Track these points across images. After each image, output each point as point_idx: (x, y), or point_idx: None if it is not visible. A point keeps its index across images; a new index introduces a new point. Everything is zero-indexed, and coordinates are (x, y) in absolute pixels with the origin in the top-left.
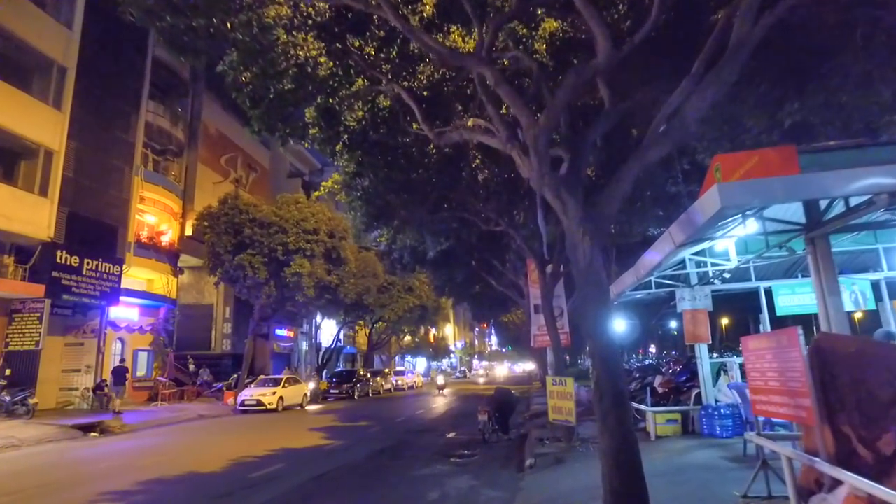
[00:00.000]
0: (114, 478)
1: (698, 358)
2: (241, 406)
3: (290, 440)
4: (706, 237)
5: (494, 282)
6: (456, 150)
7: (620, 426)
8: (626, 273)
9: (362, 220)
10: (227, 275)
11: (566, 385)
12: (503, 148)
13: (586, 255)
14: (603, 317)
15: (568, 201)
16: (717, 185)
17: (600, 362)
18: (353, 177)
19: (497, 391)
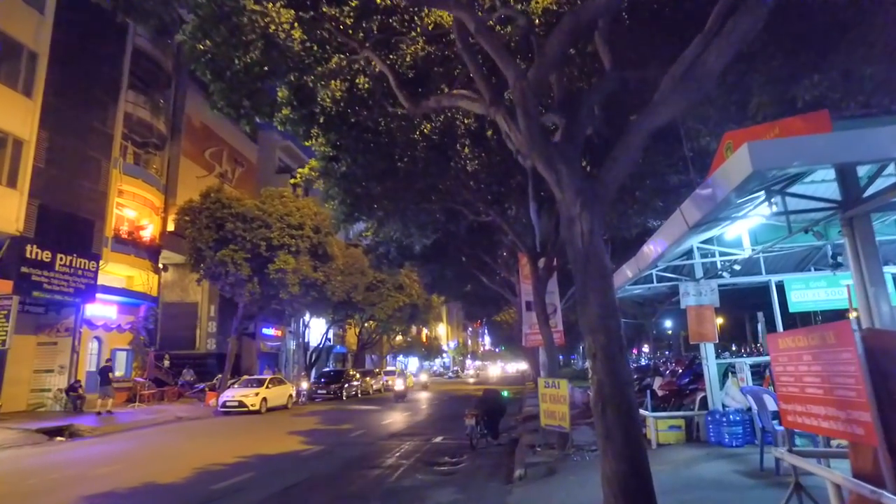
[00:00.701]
0: (59, 491)
1: (703, 358)
2: (223, 407)
3: (266, 445)
4: (724, 217)
5: (486, 279)
6: (443, 138)
7: (628, 445)
8: (625, 265)
9: (341, 209)
10: (209, 271)
11: (560, 387)
12: (486, 112)
13: (585, 234)
14: (606, 308)
15: (562, 170)
16: (747, 143)
17: (603, 365)
18: (330, 161)
19: (485, 393)
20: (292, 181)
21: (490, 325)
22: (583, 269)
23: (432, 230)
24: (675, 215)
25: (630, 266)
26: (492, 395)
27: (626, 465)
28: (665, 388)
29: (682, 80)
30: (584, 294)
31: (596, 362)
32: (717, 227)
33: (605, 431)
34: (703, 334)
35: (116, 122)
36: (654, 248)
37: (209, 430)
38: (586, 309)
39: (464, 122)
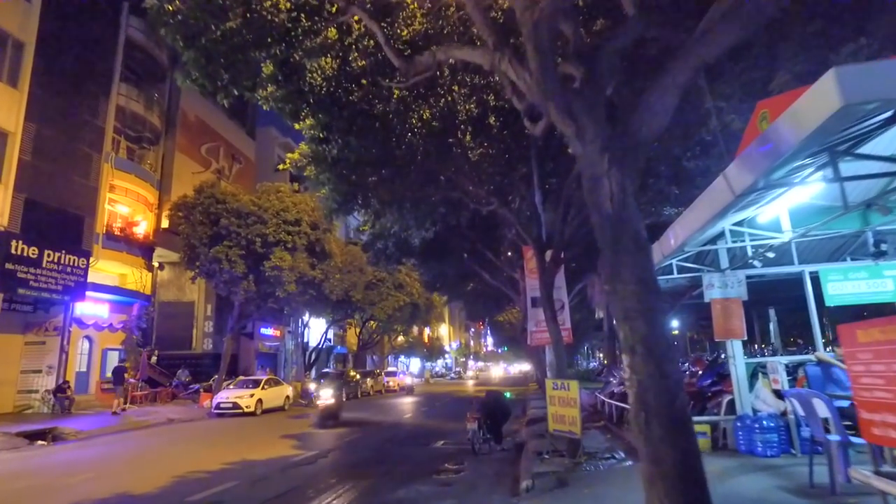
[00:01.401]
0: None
1: (730, 357)
2: (217, 409)
3: (256, 450)
4: (778, 184)
5: (488, 276)
6: (443, 123)
7: (685, 475)
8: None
9: (332, 197)
10: (203, 269)
11: (569, 389)
12: (490, 63)
13: (615, 195)
14: (645, 287)
15: (584, 119)
16: (834, 70)
17: (646, 362)
18: (320, 144)
19: (488, 395)
20: (281, 167)
21: (492, 326)
22: (613, 241)
23: (431, 222)
24: (716, 185)
25: (654, 250)
26: (495, 397)
27: (681, 498)
28: (686, 391)
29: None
30: (615, 271)
31: (635, 358)
32: (765, 200)
33: (651, 454)
34: (729, 330)
35: (108, 116)
36: (681, 231)
37: (199, 434)
38: (619, 290)
39: (465, 108)
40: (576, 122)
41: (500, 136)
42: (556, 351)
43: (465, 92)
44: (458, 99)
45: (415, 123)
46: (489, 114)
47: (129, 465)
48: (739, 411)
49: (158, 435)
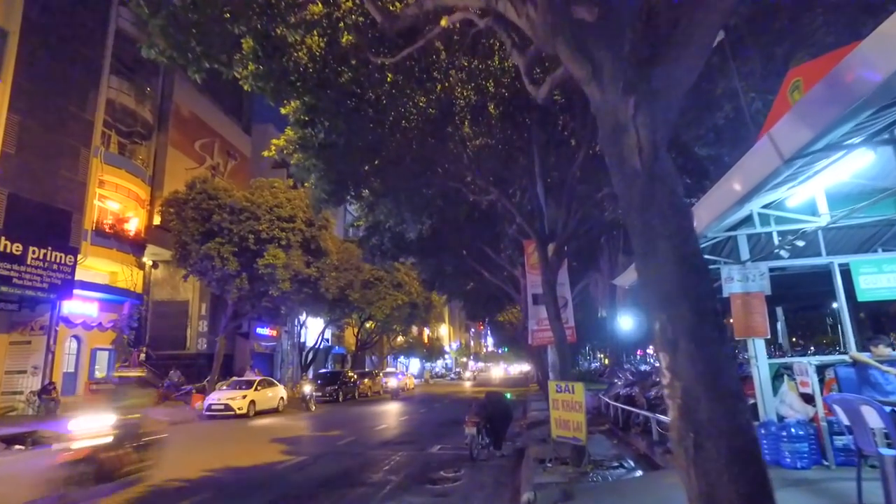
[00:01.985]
0: None
1: (751, 357)
2: (208, 411)
3: (241, 455)
4: (836, 144)
5: (488, 273)
6: (440, 111)
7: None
8: None
9: (321, 186)
10: (195, 266)
11: (574, 392)
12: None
13: (644, 147)
14: (688, 263)
15: (600, 55)
16: None
17: (692, 363)
18: (305, 127)
19: (488, 396)
20: (266, 153)
21: (493, 326)
22: (643, 204)
23: (428, 215)
24: (758, 150)
25: None
26: (496, 399)
27: None
28: None
29: None
30: (647, 244)
31: (677, 358)
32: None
33: (704, 491)
34: (751, 328)
35: (97, 109)
36: (705, 213)
37: (186, 437)
38: (653, 268)
39: (463, 94)
40: (591, 61)
41: (499, 125)
42: (560, 350)
43: (462, 77)
44: (455, 84)
45: (410, 110)
46: (488, 102)
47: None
48: (763, 417)
49: None
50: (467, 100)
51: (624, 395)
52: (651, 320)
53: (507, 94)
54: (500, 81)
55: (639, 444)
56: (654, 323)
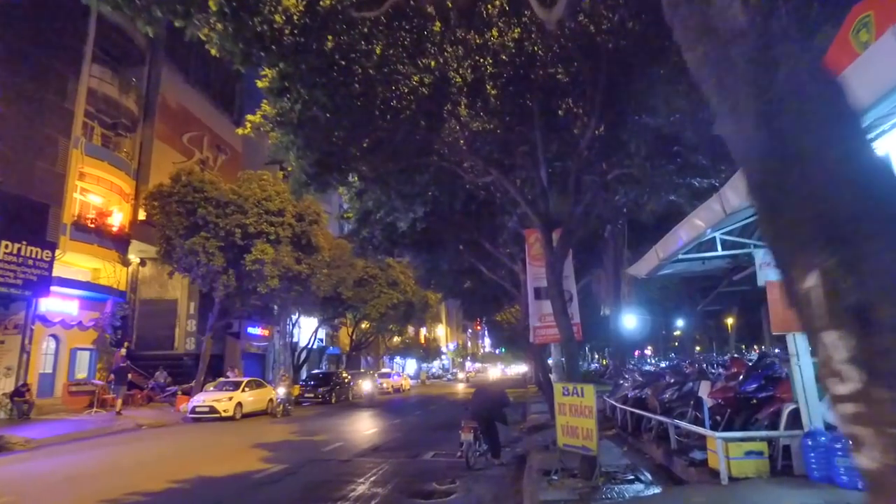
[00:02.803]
0: None
1: (793, 355)
2: (192, 413)
3: (217, 462)
4: None
5: (486, 269)
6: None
7: None
8: (692, 215)
9: (302, 168)
10: (179, 262)
11: (584, 395)
12: None
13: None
14: (873, 163)
15: None
16: None
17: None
18: (280, 95)
19: (478, 393)
20: (240, 131)
21: (490, 326)
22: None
23: (420, 203)
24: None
25: (703, 216)
26: (487, 397)
27: None
28: (718, 396)
29: None
30: (798, 135)
31: (872, 340)
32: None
33: None
34: (790, 322)
35: (78, 98)
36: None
37: (164, 442)
38: (800, 172)
39: (459, 72)
40: None
41: (498, 107)
42: (567, 349)
43: (458, 53)
44: (451, 60)
45: (401, 88)
46: (486, 81)
47: (60, 485)
48: (808, 426)
49: (118, 444)
50: (464, 78)
51: (633, 397)
52: (788, 278)
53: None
54: (499, 58)
55: (653, 452)
56: (796, 280)
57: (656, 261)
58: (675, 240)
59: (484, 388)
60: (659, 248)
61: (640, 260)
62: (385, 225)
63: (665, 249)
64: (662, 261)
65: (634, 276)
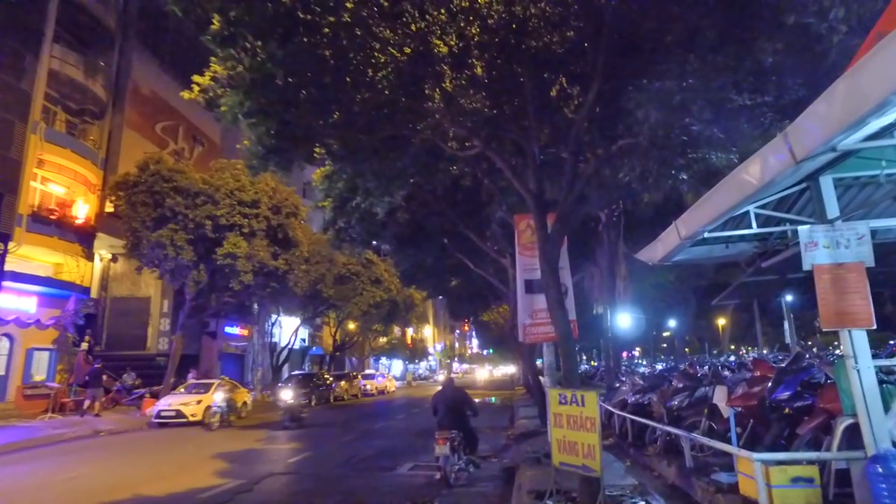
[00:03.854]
0: None
1: (848, 357)
2: (157, 418)
3: (162, 478)
4: None
5: (472, 264)
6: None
7: None
8: (746, 164)
9: (259, 139)
10: (147, 256)
11: (584, 405)
12: None
13: None
14: None
15: None
16: None
17: None
18: (226, 42)
19: (440, 398)
20: (186, 95)
21: (477, 327)
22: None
23: (399, 186)
24: None
25: (757, 169)
26: (449, 395)
27: None
28: (739, 405)
29: None
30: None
31: None
32: None
33: None
34: (846, 314)
35: (37, 79)
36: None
37: (115, 451)
38: None
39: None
40: None
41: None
42: (564, 348)
43: (441, 18)
44: (434, 26)
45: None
46: (472, 50)
47: None
48: (872, 447)
49: (64, 454)
50: (449, 46)
51: (633, 403)
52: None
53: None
54: (486, 25)
55: (663, 469)
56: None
57: (676, 240)
58: (706, 211)
59: (443, 392)
60: (681, 224)
61: (654, 241)
62: (363, 213)
63: (689, 225)
64: (685, 239)
65: (644, 262)
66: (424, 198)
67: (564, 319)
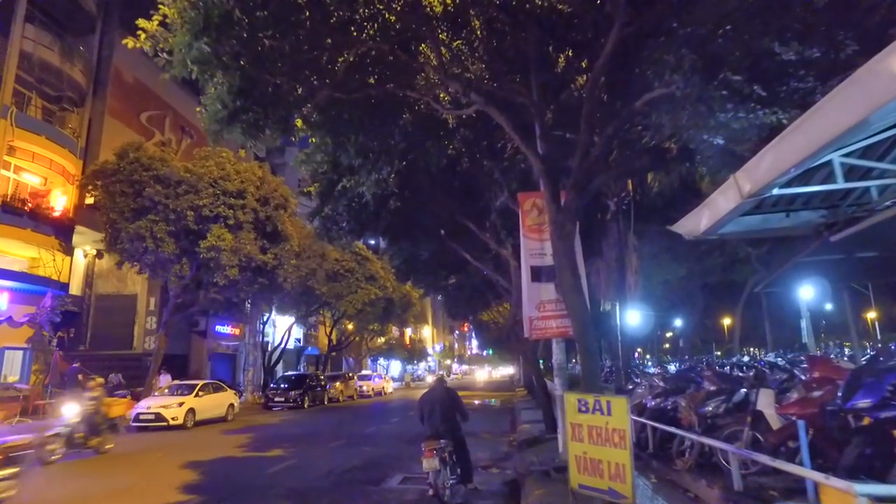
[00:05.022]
0: None
1: None
2: (135, 421)
3: (118, 494)
4: None
5: (471, 257)
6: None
7: None
8: (860, 72)
9: (220, 96)
10: (127, 250)
11: (611, 413)
12: None
13: None
14: None
15: None
16: None
17: None
18: None
19: (428, 402)
20: (130, 43)
21: (476, 327)
22: None
23: (388, 161)
24: None
25: (823, 121)
26: (437, 398)
27: None
28: (794, 412)
29: None
30: None
31: None
32: None
33: None
34: None
35: (7, 61)
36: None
37: (74, 460)
38: None
39: None
40: None
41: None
42: (583, 343)
43: None
44: None
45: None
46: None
47: None
48: None
49: None
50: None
51: (653, 408)
52: None
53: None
54: None
55: (700, 489)
56: None
57: (735, 200)
58: (782, 157)
59: (432, 394)
60: (743, 177)
61: (696, 209)
62: (351, 200)
63: (756, 178)
64: (748, 198)
65: (685, 235)
66: (418, 183)
67: (583, 307)
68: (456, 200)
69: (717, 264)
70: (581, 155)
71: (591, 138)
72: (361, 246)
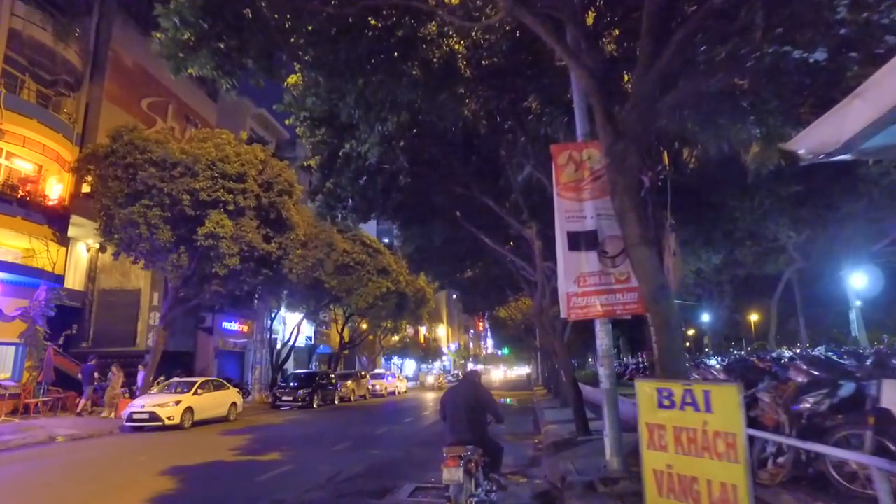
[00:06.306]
0: None
1: None
2: (129, 421)
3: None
4: None
5: (490, 240)
6: None
7: None
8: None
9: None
10: (120, 237)
11: (712, 409)
12: None
13: None
14: None
15: None
16: None
17: None
18: None
19: (451, 401)
20: None
21: (493, 324)
22: None
23: (394, 111)
24: None
25: None
26: (471, 393)
27: None
28: None
29: None
30: None
31: None
32: None
33: None
34: None
35: None
36: None
37: (52, 463)
38: None
39: None
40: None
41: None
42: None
43: None
44: None
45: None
46: None
47: None
48: None
49: None
50: None
51: None
52: None
53: None
54: None
55: None
56: None
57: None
58: None
59: (459, 389)
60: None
61: (826, 115)
62: (356, 171)
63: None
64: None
65: (804, 154)
66: (431, 156)
67: (655, 265)
68: (473, 177)
69: (749, 254)
70: (643, 66)
71: (655, 46)
72: (373, 238)
